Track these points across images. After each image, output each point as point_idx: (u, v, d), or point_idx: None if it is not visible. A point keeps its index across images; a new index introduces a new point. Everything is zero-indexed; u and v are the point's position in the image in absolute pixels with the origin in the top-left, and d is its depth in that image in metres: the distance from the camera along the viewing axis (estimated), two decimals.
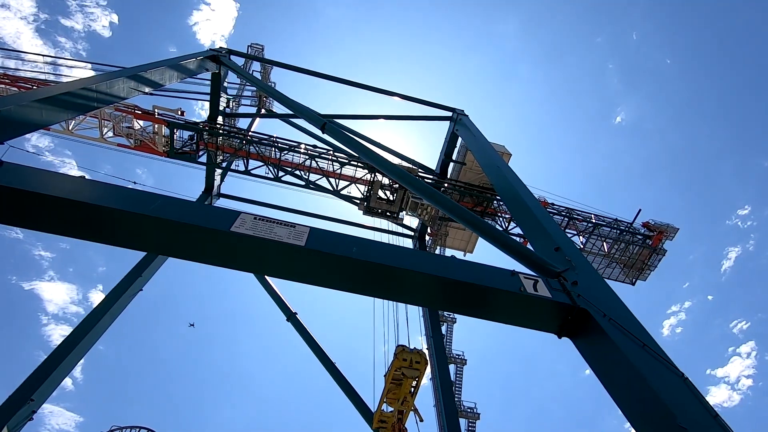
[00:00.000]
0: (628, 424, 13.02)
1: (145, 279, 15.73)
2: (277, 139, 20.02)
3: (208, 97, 19.62)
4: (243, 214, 7.47)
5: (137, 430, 21.12)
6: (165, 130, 18.72)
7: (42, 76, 19.08)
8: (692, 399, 12.55)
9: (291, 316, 18.42)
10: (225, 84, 20.44)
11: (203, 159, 19.95)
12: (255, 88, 23.86)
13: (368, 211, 21.08)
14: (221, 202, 22.11)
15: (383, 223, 23.23)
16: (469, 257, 23.01)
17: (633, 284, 22.27)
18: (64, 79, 18.32)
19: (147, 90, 12.55)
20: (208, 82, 19.06)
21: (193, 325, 43.48)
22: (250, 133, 20.66)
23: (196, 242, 6.81)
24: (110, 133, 18.69)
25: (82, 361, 13.64)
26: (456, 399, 29.54)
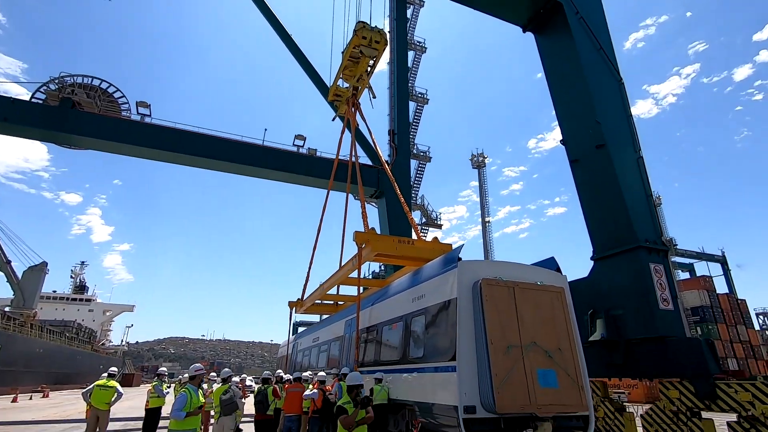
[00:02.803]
0: (556, 123, 14.61)
1: None
2: None
3: None
4: None
5: (90, 79, 20.89)
6: None
7: None
8: (617, 100, 13.95)
9: None
10: None
11: None
12: None
13: None
14: None
15: None
16: None
17: None
18: None
19: None
20: None
21: None
22: None
23: None
24: None
25: None
26: (410, 84, 31.10)
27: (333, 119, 22.90)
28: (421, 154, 34.20)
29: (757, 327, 40.58)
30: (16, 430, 13.10)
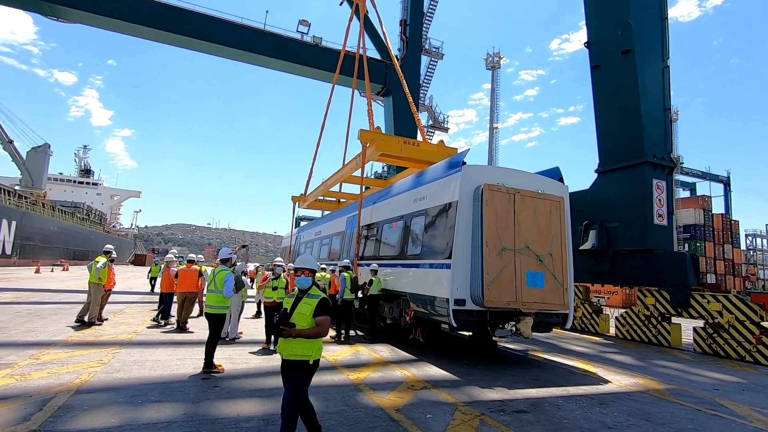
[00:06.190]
0: (584, 21, 13.43)
1: None
2: None
3: None
4: None
5: None
6: None
7: None
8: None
9: None
10: None
11: None
12: None
13: None
14: None
15: None
16: None
17: None
18: None
19: None
20: None
21: None
22: None
23: None
24: None
25: None
26: None
27: (341, 3, 20.96)
28: (434, 50, 31.92)
29: (743, 247, 42.04)
30: (45, 297, 14.38)
